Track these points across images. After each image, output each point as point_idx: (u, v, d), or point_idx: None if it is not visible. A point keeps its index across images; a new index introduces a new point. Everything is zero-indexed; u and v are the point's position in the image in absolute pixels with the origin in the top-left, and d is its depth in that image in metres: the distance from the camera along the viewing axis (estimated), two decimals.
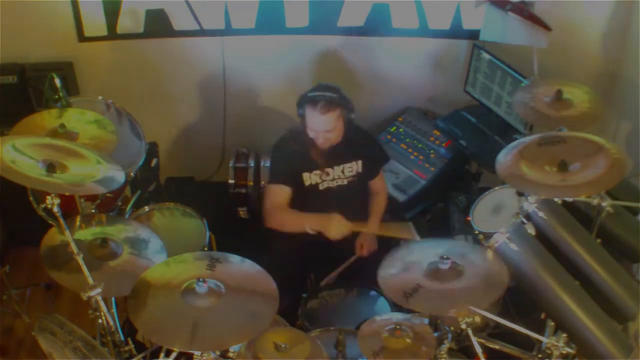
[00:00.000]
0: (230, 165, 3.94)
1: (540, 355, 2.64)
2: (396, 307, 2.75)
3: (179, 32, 3.75)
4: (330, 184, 3.12)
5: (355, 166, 3.13)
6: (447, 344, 2.48)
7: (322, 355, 2.32)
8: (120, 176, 2.51)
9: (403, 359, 2.32)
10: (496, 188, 3.05)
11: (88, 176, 2.43)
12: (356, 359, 2.50)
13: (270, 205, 3.07)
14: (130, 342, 2.63)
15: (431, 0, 3.66)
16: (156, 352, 2.52)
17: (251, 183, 3.87)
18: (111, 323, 2.54)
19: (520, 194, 2.50)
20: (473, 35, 3.73)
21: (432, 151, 3.82)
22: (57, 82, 2.85)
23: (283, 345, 2.26)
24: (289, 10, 3.70)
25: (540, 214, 2.52)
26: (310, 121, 2.93)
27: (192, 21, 3.70)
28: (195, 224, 3.22)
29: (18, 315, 3.34)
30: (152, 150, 3.81)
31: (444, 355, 2.45)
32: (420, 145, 3.85)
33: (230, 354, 2.35)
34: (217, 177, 4.22)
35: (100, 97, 3.29)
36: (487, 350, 2.56)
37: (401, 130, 3.93)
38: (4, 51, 3.56)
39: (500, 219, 2.76)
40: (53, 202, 2.36)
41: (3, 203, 3.53)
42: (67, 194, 2.46)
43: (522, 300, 2.58)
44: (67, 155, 2.47)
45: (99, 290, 2.34)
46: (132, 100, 3.44)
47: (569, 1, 3.56)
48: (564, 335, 2.44)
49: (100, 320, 2.50)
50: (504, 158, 2.52)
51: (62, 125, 2.78)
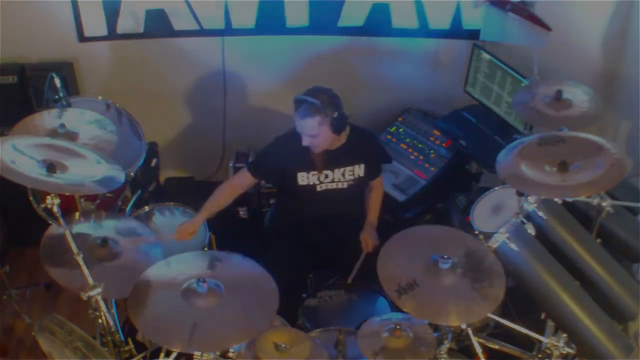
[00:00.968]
0: (230, 165, 3.94)
1: (540, 355, 2.64)
2: (396, 307, 2.74)
3: (179, 32, 3.75)
4: (329, 186, 3.10)
5: (357, 170, 3.10)
6: (447, 344, 2.48)
7: (322, 355, 2.32)
8: (120, 176, 2.52)
9: (403, 359, 2.32)
10: (496, 188, 3.04)
11: (88, 176, 2.43)
12: (356, 359, 2.50)
13: (229, 179, 3.29)
14: (130, 342, 2.63)
15: (431, 0, 3.66)
16: (156, 352, 2.52)
17: None
18: (111, 323, 2.55)
19: (520, 194, 2.50)
20: (473, 35, 3.73)
21: (432, 151, 3.81)
22: (57, 82, 2.85)
23: (283, 345, 2.26)
24: (289, 10, 3.70)
25: (540, 214, 2.52)
26: (296, 124, 2.93)
27: (192, 21, 3.70)
28: None
29: (18, 315, 3.34)
30: (152, 150, 3.81)
31: (444, 355, 2.45)
32: (420, 145, 3.84)
33: (230, 354, 2.36)
34: (217, 176, 4.22)
35: (100, 97, 3.29)
36: (487, 350, 2.56)
37: (401, 130, 3.92)
38: (4, 51, 3.57)
39: (500, 219, 2.75)
40: (53, 202, 2.37)
41: (3, 203, 3.53)
42: (67, 194, 2.46)
43: (522, 300, 2.58)
44: (67, 155, 2.47)
45: (99, 290, 2.34)
46: (132, 100, 3.44)
47: (569, 1, 3.55)
48: (564, 335, 2.45)
49: (100, 320, 2.50)
50: (504, 158, 2.52)
51: (62, 125, 2.79)
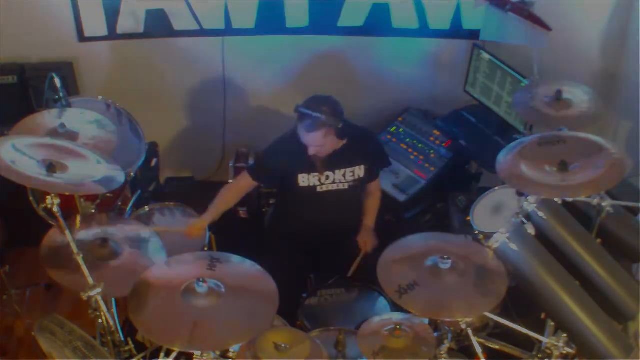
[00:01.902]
0: (230, 165, 3.93)
1: (540, 355, 2.64)
2: (396, 307, 2.75)
3: (179, 32, 3.75)
4: (330, 187, 3.10)
5: (358, 171, 3.10)
6: (447, 344, 2.48)
7: (322, 355, 2.32)
8: (120, 176, 2.51)
9: (403, 359, 2.32)
10: (496, 188, 3.04)
11: (88, 176, 2.43)
12: (356, 359, 2.50)
13: (233, 181, 3.25)
14: (130, 342, 2.63)
15: (431, 0, 3.66)
16: (156, 352, 2.52)
17: None
18: (111, 323, 2.54)
19: (520, 194, 2.50)
20: (473, 35, 3.72)
21: (432, 151, 3.81)
22: (57, 82, 2.85)
23: (283, 345, 2.26)
24: (289, 10, 3.70)
25: (540, 214, 2.52)
26: (299, 133, 2.93)
27: (192, 21, 3.70)
28: None
29: (18, 315, 3.34)
30: (152, 150, 3.81)
31: (444, 355, 2.45)
32: (420, 145, 3.84)
33: (230, 354, 2.36)
34: (217, 177, 4.22)
35: (100, 97, 3.29)
36: (487, 350, 2.56)
37: (401, 130, 3.92)
38: (4, 51, 3.56)
39: (500, 219, 2.75)
40: (53, 202, 2.37)
41: (3, 203, 3.53)
42: (67, 194, 2.46)
43: (522, 300, 2.57)
44: (67, 155, 2.47)
45: (99, 290, 2.34)
46: (132, 100, 3.44)
47: (569, 1, 3.55)
48: (564, 335, 2.45)
49: (100, 320, 2.50)
50: (504, 158, 2.52)
51: (62, 125, 2.79)
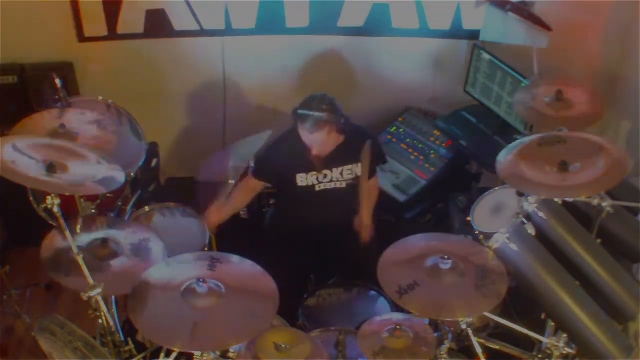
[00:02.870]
0: (230, 165, 3.93)
1: (540, 355, 2.64)
2: (396, 307, 2.75)
3: (179, 32, 3.74)
4: (328, 186, 3.10)
5: (355, 168, 3.10)
6: (447, 344, 2.48)
7: (322, 355, 2.32)
8: (120, 176, 2.51)
9: (403, 359, 2.32)
10: (496, 188, 3.04)
11: (88, 176, 2.43)
12: (356, 359, 2.50)
13: (242, 181, 3.26)
14: (130, 342, 2.63)
15: (431, 0, 3.66)
16: (156, 352, 2.52)
17: None
18: (111, 323, 2.54)
19: (520, 194, 2.50)
20: (473, 35, 3.72)
21: (432, 151, 3.81)
22: (57, 82, 2.85)
23: (283, 345, 2.26)
24: (289, 10, 3.69)
25: (540, 214, 2.52)
26: (301, 134, 2.93)
27: (192, 21, 3.70)
28: (195, 224, 3.22)
29: (18, 315, 3.34)
30: (152, 150, 3.80)
31: (444, 355, 2.45)
32: (420, 145, 3.84)
33: (230, 354, 2.36)
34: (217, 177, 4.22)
35: (100, 97, 3.29)
36: (487, 350, 2.56)
37: (401, 130, 3.92)
38: (4, 51, 3.56)
39: (500, 219, 2.76)
40: (53, 202, 2.36)
41: (3, 203, 3.53)
42: (67, 194, 2.46)
43: (522, 300, 2.58)
44: (67, 155, 2.47)
45: (99, 290, 2.34)
46: (132, 100, 3.44)
47: (569, 1, 3.55)
48: (564, 335, 2.44)
49: (100, 320, 2.50)
50: (504, 158, 2.52)
51: (62, 125, 2.79)
